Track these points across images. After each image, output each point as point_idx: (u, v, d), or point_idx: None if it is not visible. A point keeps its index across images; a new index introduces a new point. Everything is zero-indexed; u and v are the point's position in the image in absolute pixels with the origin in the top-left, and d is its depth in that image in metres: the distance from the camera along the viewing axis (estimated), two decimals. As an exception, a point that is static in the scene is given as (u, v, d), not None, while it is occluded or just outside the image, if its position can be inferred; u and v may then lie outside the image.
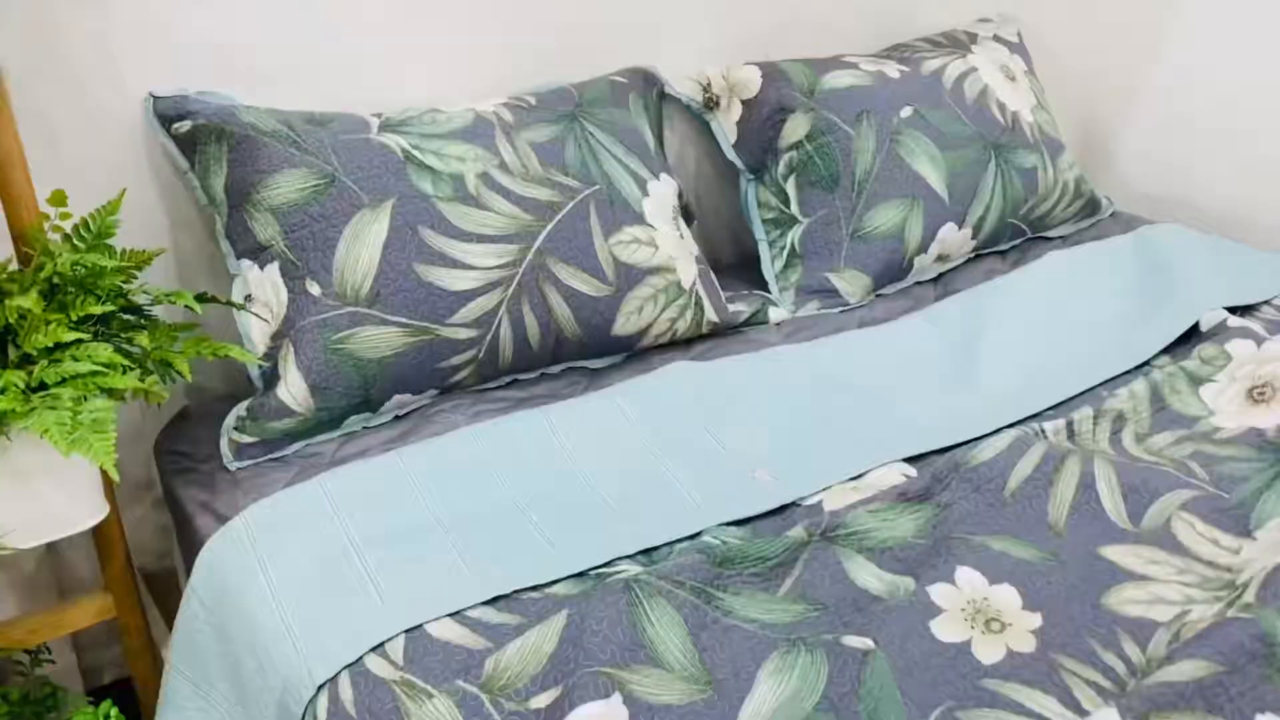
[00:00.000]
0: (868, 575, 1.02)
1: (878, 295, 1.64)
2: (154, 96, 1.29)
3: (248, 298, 1.26)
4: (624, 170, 1.41)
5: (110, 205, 1.12)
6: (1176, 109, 2.04)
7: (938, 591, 0.99)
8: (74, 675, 1.47)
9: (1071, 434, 1.24)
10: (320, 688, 0.92)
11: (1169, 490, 1.12)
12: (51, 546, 1.38)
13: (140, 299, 1.13)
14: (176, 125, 1.28)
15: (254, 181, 1.25)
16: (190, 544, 1.16)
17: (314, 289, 1.22)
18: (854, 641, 0.92)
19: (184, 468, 1.25)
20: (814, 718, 0.85)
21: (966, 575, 1.01)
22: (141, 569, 1.43)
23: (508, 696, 0.87)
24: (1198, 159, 2.03)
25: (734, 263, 1.83)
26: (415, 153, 1.28)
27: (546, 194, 1.32)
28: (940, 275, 1.70)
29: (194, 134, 1.27)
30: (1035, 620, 0.97)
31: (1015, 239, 1.78)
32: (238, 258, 1.28)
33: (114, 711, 1.10)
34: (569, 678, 0.87)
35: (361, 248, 1.23)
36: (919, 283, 1.68)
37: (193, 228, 1.36)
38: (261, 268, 1.25)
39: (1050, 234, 1.83)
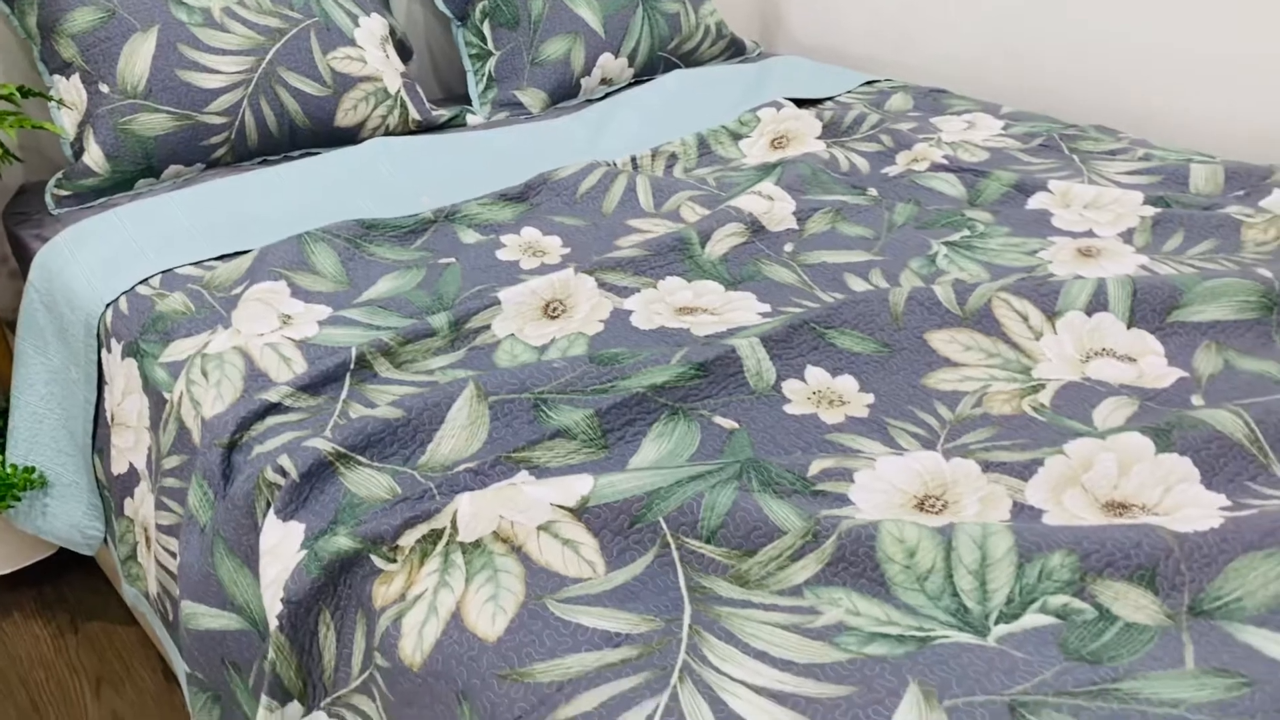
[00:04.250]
0: (469, 238, 1.60)
1: (555, 107, 2.21)
2: (-21, -39, 1.79)
3: (60, 101, 1.78)
4: (339, 8, 1.95)
5: (-51, 26, 1.62)
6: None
7: (506, 239, 1.58)
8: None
9: (635, 167, 1.84)
10: (107, 306, 1.47)
11: (684, 190, 1.73)
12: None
13: (-24, 92, 1.64)
14: (-2, -20, 1.78)
15: (57, 17, 1.76)
16: (27, 260, 1.69)
17: (104, 88, 1.74)
18: (444, 260, 1.51)
19: (23, 219, 1.77)
20: (412, 293, 1.43)
21: (529, 230, 1.60)
22: (3, 318, 1.95)
23: (219, 289, 1.44)
24: (846, 14, 2.65)
25: (464, 93, 2.39)
26: (173, -8, 1.81)
27: (276, 22, 1.86)
28: (607, 94, 2.29)
29: (11, -14, 1.77)
30: (566, 251, 1.56)
31: (670, 70, 2.37)
32: (50, 74, 1.79)
33: (-20, 367, 1.62)
34: (252, 275, 1.44)
35: (137, 59, 1.75)
36: (590, 100, 2.26)
37: (17, 57, 1.87)
38: (67, 78, 1.77)
39: (701, 68, 2.42)
